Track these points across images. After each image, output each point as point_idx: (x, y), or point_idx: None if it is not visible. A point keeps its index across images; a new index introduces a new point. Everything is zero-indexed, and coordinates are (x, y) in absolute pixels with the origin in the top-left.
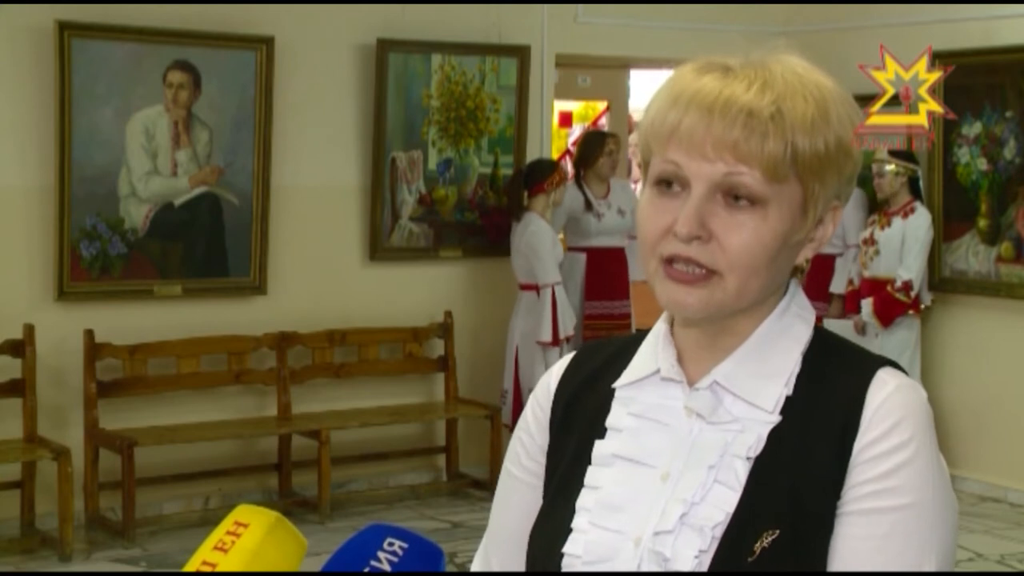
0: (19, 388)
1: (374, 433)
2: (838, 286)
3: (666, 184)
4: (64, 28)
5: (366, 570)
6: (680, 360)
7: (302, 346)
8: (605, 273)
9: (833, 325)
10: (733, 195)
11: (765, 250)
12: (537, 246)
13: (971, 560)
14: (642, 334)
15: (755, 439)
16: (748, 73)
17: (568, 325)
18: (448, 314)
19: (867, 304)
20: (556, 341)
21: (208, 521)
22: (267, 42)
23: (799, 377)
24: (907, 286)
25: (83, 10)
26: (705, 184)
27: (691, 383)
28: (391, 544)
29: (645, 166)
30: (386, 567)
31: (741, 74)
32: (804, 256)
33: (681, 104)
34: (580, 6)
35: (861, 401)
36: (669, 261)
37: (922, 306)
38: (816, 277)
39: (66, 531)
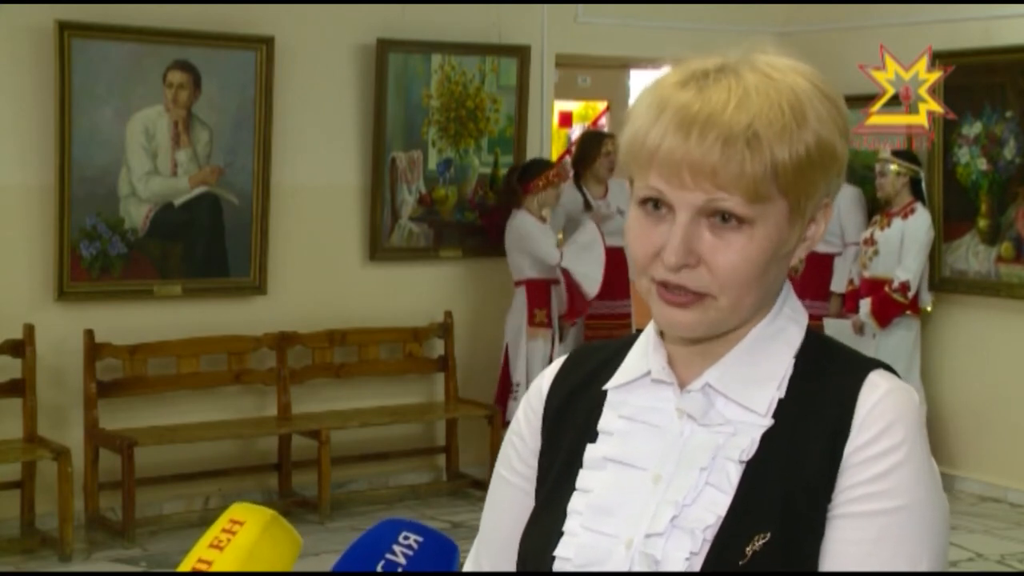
0: (19, 388)
1: (374, 433)
2: (838, 285)
3: (652, 205)
4: (64, 28)
5: (381, 564)
6: (671, 362)
7: (302, 346)
8: (606, 273)
9: (832, 325)
10: (718, 216)
11: (754, 267)
12: (525, 240)
13: (971, 560)
14: (637, 336)
15: (748, 442)
16: (722, 90)
17: (592, 288)
18: (448, 314)
19: (865, 304)
20: (597, 295)
21: (208, 521)
22: (267, 42)
23: (791, 380)
24: (904, 287)
25: (83, 10)
26: (688, 211)
27: (682, 385)
28: (406, 538)
29: (630, 181)
30: (401, 560)
31: (715, 89)
32: (797, 257)
33: (660, 126)
34: (580, 6)
35: (853, 404)
36: (662, 284)
37: (922, 308)
38: (815, 277)
39: (66, 531)
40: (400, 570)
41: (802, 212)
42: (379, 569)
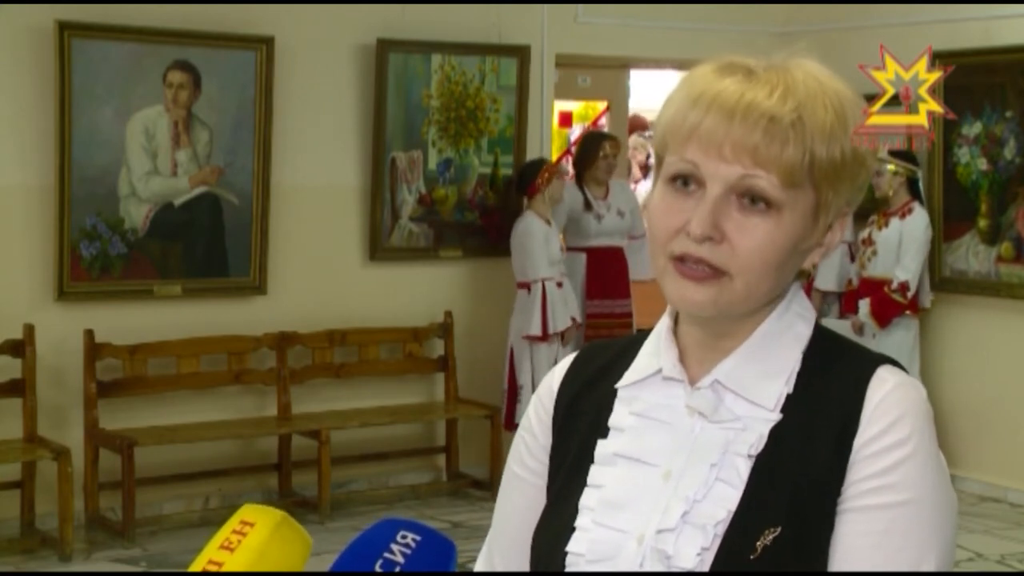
0: (19, 388)
1: (374, 433)
2: (822, 282)
3: (682, 182)
4: (64, 28)
5: (379, 563)
6: (682, 359)
7: (302, 346)
8: (606, 272)
9: (831, 325)
10: (748, 197)
11: (776, 254)
12: (526, 242)
13: (971, 560)
14: (645, 334)
15: (756, 437)
16: (770, 78)
17: (559, 322)
18: (448, 314)
19: (864, 304)
20: (545, 336)
21: (208, 521)
22: (267, 42)
23: (800, 375)
24: (903, 287)
25: (83, 10)
26: (721, 185)
27: (693, 382)
28: (404, 537)
29: (659, 162)
30: (399, 559)
31: (763, 78)
32: (812, 261)
33: (702, 105)
34: (580, 6)
35: (861, 398)
36: (680, 259)
37: (921, 307)
38: None
39: (66, 531)
40: (398, 569)
41: (826, 211)
42: (377, 568)
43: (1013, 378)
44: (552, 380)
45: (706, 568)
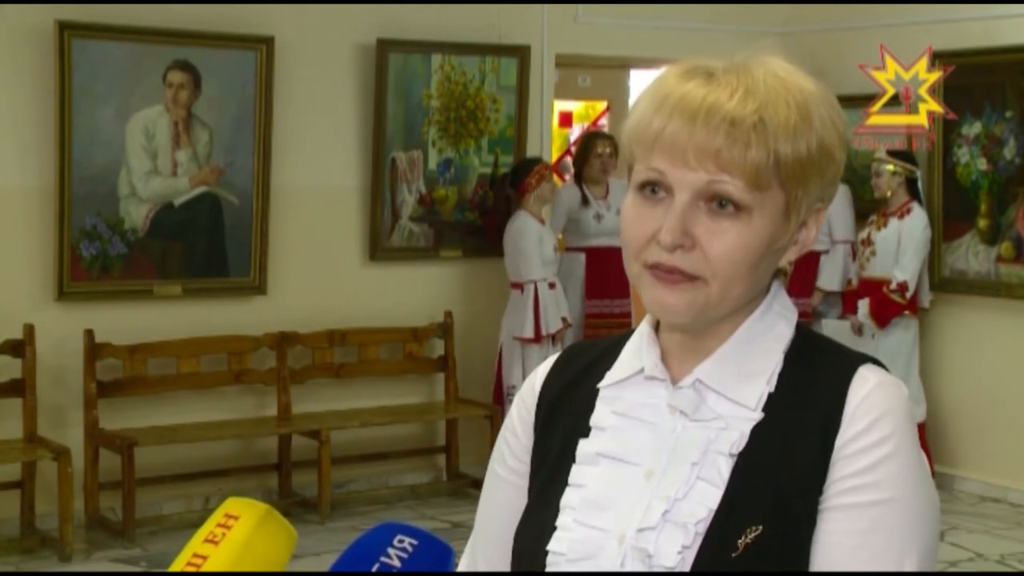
0: (19, 388)
1: (374, 433)
2: (825, 282)
3: (651, 189)
4: (64, 28)
5: (376, 567)
6: (664, 359)
7: (302, 346)
8: (605, 272)
9: (831, 326)
10: (716, 202)
11: (748, 256)
12: (520, 243)
13: (971, 560)
14: (628, 334)
15: (738, 436)
16: (731, 80)
17: (552, 323)
18: (448, 314)
19: (863, 305)
20: (538, 338)
21: None
22: (267, 42)
23: (781, 375)
24: (902, 287)
25: (83, 10)
26: (688, 192)
27: (675, 382)
28: (401, 541)
29: (629, 170)
30: (396, 563)
31: (724, 80)
32: (787, 259)
33: (664, 111)
34: (580, 6)
35: (843, 397)
36: (653, 266)
37: (920, 307)
38: (802, 273)
39: (66, 531)
40: (395, 571)
41: (797, 209)
42: (373, 572)
43: (1013, 378)
44: (534, 380)
45: (687, 567)
